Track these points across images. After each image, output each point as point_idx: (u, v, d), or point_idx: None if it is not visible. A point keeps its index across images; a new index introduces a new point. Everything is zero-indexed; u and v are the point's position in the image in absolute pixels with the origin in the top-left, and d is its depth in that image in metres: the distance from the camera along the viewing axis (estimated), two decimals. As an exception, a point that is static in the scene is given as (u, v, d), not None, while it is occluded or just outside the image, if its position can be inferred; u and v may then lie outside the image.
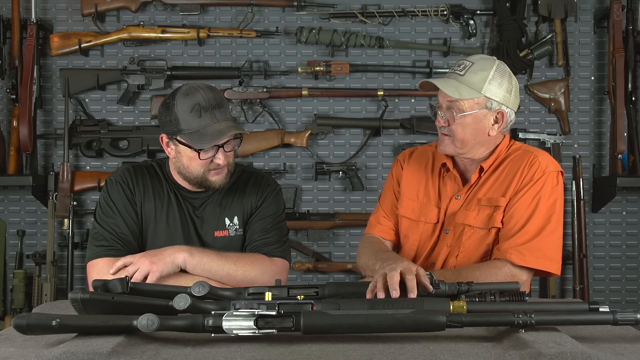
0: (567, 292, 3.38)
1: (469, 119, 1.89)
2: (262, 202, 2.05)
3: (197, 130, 1.87)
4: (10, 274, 3.32)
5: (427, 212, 2.03)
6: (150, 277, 1.78)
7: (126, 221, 1.97)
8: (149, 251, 1.88)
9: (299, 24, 3.34)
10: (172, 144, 1.95)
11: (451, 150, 1.96)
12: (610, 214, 3.42)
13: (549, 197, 1.91)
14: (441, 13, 3.30)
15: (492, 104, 1.90)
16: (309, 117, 3.39)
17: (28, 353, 1.22)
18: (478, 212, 1.94)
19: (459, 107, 1.89)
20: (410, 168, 2.12)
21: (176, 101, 1.89)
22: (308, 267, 3.34)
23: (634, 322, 1.33)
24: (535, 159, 1.93)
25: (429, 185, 2.06)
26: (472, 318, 1.31)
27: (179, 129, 1.88)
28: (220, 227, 2.02)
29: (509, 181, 1.93)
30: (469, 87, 1.88)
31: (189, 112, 1.87)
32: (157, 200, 2.01)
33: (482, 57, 1.99)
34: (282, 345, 1.27)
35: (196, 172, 1.94)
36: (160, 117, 1.95)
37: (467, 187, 1.99)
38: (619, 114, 3.17)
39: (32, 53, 3.19)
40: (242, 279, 1.88)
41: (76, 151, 3.35)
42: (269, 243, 2.00)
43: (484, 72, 1.89)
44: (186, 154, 1.92)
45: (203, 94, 1.88)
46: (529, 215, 1.88)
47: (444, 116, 1.92)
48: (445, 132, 1.93)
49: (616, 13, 3.19)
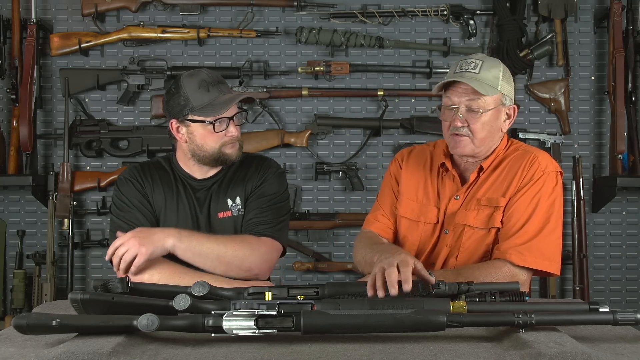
0: (567, 292, 3.38)
1: (488, 116, 1.90)
2: (262, 182, 2.09)
3: (209, 103, 1.96)
4: (10, 274, 3.32)
5: (427, 212, 2.03)
6: (138, 259, 1.80)
7: (143, 213, 2.04)
8: (140, 230, 1.88)
9: (299, 24, 3.34)
10: (183, 127, 2.01)
11: (469, 151, 1.94)
12: (610, 214, 3.42)
13: (549, 197, 1.91)
14: (441, 13, 3.30)
15: (506, 100, 1.93)
16: (309, 117, 3.39)
17: (28, 353, 1.22)
18: (478, 212, 1.94)
19: (482, 105, 1.88)
20: (409, 167, 2.11)
21: (182, 82, 1.98)
22: (308, 267, 3.34)
23: (634, 322, 1.33)
24: (535, 158, 1.94)
25: (428, 185, 2.06)
26: (472, 318, 1.31)
27: (190, 106, 1.96)
28: (223, 208, 2.07)
29: (509, 181, 1.93)
30: (488, 85, 1.88)
31: (197, 89, 1.96)
32: (166, 192, 2.07)
33: (484, 55, 1.99)
34: (282, 345, 1.27)
35: (212, 149, 2.00)
36: (167, 105, 2.03)
37: (465, 186, 1.99)
38: (619, 114, 3.17)
39: (32, 53, 3.19)
40: (231, 259, 1.90)
41: (76, 151, 3.35)
42: (262, 223, 2.02)
43: (496, 69, 1.91)
44: (199, 132, 1.99)
45: (206, 71, 2.01)
46: (528, 215, 1.88)
47: (462, 117, 1.90)
48: (462, 133, 1.91)
49: (616, 13, 3.19)
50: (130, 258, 1.80)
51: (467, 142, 1.92)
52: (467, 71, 1.89)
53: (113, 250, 1.83)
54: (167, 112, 2.04)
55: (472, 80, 1.87)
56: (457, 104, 1.90)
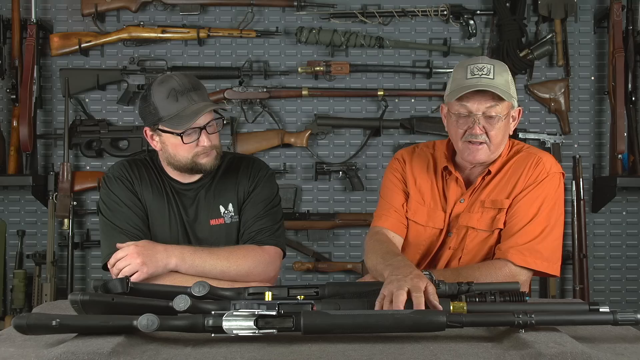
0: (567, 292, 3.37)
1: (504, 122, 1.88)
2: (254, 187, 2.04)
3: (177, 114, 1.87)
4: (10, 274, 3.32)
5: (435, 217, 2.00)
6: (137, 275, 1.79)
7: (135, 213, 1.97)
8: (144, 246, 1.85)
9: (299, 24, 3.34)
10: (155, 136, 1.95)
11: (485, 158, 1.91)
12: (610, 214, 3.42)
13: (551, 199, 1.91)
14: (441, 13, 3.30)
15: (514, 103, 1.92)
16: (309, 117, 3.39)
17: (28, 353, 1.22)
18: (482, 214, 1.93)
19: (500, 111, 1.86)
20: (414, 170, 2.06)
21: (152, 91, 1.90)
22: (308, 267, 3.34)
23: (634, 322, 1.33)
24: (540, 160, 1.93)
25: (434, 189, 2.03)
26: (472, 318, 1.31)
27: (159, 117, 1.89)
28: (215, 215, 2.02)
29: (514, 183, 1.92)
30: (505, 91, 1.86)
31: (166, 99, 1.87)
32: (155, 192, 2.01)
33: (489, 58, 1.97)
34: (282, 345, 1.27)
35: (184, 159, 1.93)
36: (140, 112, 1.96)
37: (470, 189, 1.97)
38: (619, 114, 3.17)
39: (32, 53, 3.18)
40: (235, 274, 1.89)
41: (76, 151, 3.35)
42: (262, 230, 1.99)
43: (506, 74, 1.89)
44: (170, 142, 1.92)
45: (177, 79, 1.90)
46: (531, 216, 1.88)
47: (480, 124, 1.86)
48: (480, 140, 1.87)
49: (616, 13, 3.19)
50: (129, 273, 1.79)
51: (484, 149, 1.88)
52: (482, 77, 1.84)
53: (115, 262, 1.83)
54: (141, 118, 1.97)
55: (492, 87, 1.83)
56: (475, 111, 1.85)
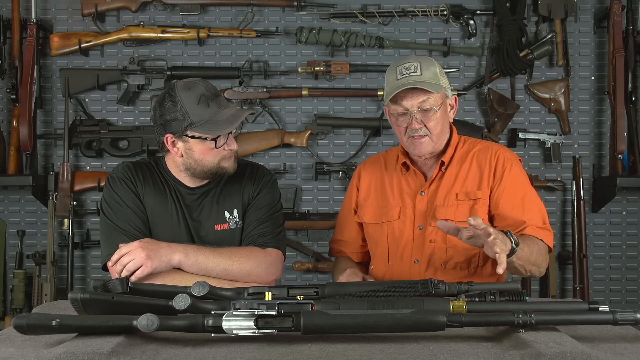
0: (567, 292, 3.37)
1: (440, 112, 2.01)
2: (257, 192, 2.07)
3: (209, 119, 1.89)
4: (10, 274, 3.32)
5: (387, 212, 2.13)
6: (142, 270, 1.80)
7: (137, 215, 1.98)
8: (148, 242, 1.86)
9: (299, 24, 3.34)
10: (179, 142, 1.94)
11: (430, 149, 2.04)
12: (610, 214, 3.42)
13: (525, 177, 2.08)
14: (441, 13, 3.30)
15: (447, 93, 2.05)
16: (309, 117, 3.39)
17: (28, 353, 1.22)
18: (457, 207, 2.03)
19: (433, 103, 1.99)
20: (366, 176, 2.23)
21: (179, 96, 1.88)
22: (308, 267, 3.34)
23: (634, 322, 1.33)
24: (497, 151, 2.08)
25: (385, 186, 2.16)
26: (472, 318, 1.31)
27: (190, 122, 1.89)
28: (220, 220, 2.04)
29: (480, 175, 2.05)
30: (433, 83, 1.98)
31: (197, 104, 1.88)
32: (158, 195, 2.02)
33: (416, 56, 2.13)
34: (282, 345, 1.27)
35: (211, 164, 1.95)
36: (160, 118, 1.93)
37: (429, 181, 2.09)
38: (619, 114, 3.17)
39: (32, 53, 3.18)
40: (237, 273, 1.91)
41: (76, 151, 3.35)
42: (264, 234, 2.02)
43: (433, 67, 2.02)
44: (198, 148, 1.93)
45: (203, 84, 1.92)
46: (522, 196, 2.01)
47: (418, 119, 1.99)
48: (421, 134, 2.01)
49: (616, 13, 3.19)
50: (134, 268, 1.79)
51: (427, 141, 2.02)
52: (410, 75, 1.98)
53: (118, 258, 1.82)
54: (161, 125, 1.93)
55: (420, 82, 1.96)
56: (410, 107, 1.99)
